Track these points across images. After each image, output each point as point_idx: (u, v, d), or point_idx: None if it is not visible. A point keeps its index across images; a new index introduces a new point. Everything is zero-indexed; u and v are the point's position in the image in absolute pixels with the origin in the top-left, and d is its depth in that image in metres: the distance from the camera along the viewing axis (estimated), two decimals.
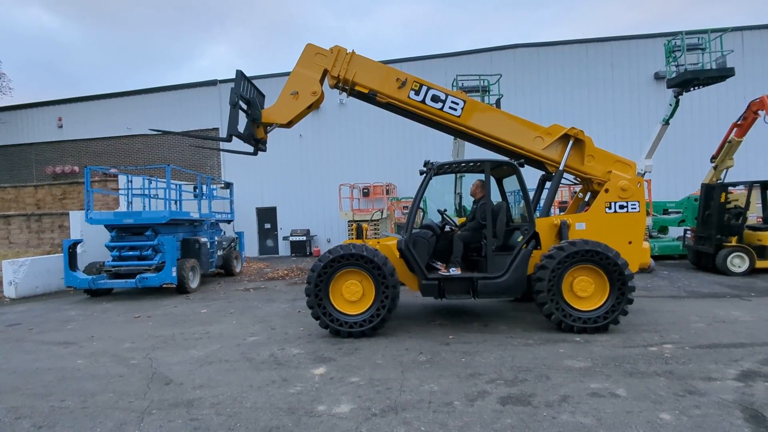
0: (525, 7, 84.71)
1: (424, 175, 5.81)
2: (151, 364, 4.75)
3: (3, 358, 5.20)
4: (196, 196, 11.35)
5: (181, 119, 19.00)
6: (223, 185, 16.41)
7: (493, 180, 6.34)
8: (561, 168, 6.21)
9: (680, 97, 11.40)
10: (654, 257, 11.08)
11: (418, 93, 6.31)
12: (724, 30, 11.46)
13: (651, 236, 12.69)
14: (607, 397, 3.52)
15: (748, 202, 9.94)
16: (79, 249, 9.81)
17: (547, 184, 6.62)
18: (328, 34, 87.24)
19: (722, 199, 9.87)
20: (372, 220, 12.10)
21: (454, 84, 14.13)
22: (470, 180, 6.72)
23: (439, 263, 6.04)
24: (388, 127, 17.25)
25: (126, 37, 74.33)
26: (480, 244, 5.99)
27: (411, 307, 7.22)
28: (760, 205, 10.50)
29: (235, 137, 6.30)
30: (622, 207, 5.94)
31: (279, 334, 5.82)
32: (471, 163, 6.17)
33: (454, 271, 5.73)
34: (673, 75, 11.46)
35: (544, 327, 5.65)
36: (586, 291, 5.37)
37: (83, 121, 20.03)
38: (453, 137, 10.18)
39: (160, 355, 5.10)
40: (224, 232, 13.34)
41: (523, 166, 5.81)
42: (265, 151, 6.94)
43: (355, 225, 6.76)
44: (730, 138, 10.90)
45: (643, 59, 16.68)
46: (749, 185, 10.10)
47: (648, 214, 11.56)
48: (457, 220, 7.65)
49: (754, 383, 3.72)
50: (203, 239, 10.78)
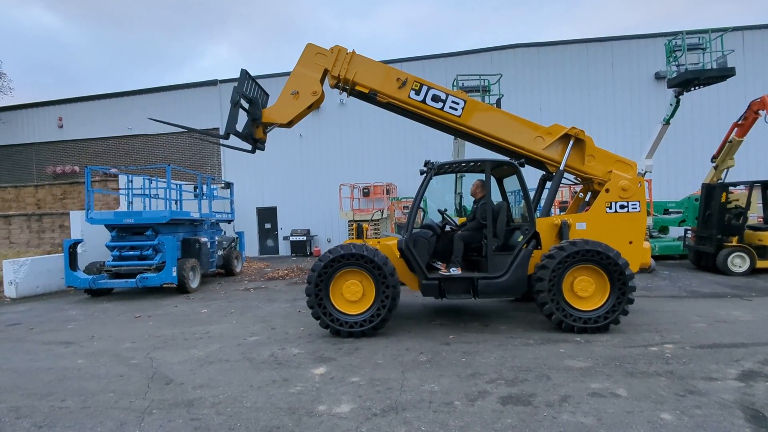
0: (526, 7, 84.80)
1: (425, 175, 5.81)
2: (151, 364, 4.75)
3: (3, 358, 5.20)
4: (196, 196, 11.36)
5: (181, 119, 18.78)
6: (223, 185, 16.42)
7: (493, 180, 6.34)
8: (561, 168, 6.21)
9: (681, 97, 11.39)
10: (654, 257, 11.08)
11: (418, 93, 6.31)
12: (725, 30, 11.44)
13: (652, 236, 12.68)
14: (608, 397, 3.52)
15: (748, 202, 9.94)
16: (79, 249, 9.81)
17: (548, 184, 6.62)
18: (329, 34, 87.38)
19: (723, 199, 9.86)
20: (372, 220, 12.09)
21: (455, 84, 14.12)
22: (470, 180, 6.72)
23: (440, 263, 6.04)
24: (388, 127, 17.25)
25: (127, 37, 74.49)
26: (480, 243, 5.99)
27: (411, 307, 7.22)
28: (761, 205, 10.50)
29: (233, 135, 6.31)
30: (622, 207, 5.94)
31: (279, 334, 5.82)
32: (471, 163, 6.17)
33: (455, 271, 5.73)
34: (674, 75, 11.45)
35: (545, 327, 5.65)
36: (586, 291, 5.37)
37: (83, 121, 20.04)
38: (453, 137, 10.17)
39: (161, 354, 5.10)
40: (224, 232, 13.34)
41: (523, 166, 5.80)
42: (263, 150, 6.93)
43: (355, 225, 6.76)
44: (730, 138, 10.90)
45: (643, 59, 16.68)
46: (750, 185, 10.10)
47: (648, 214, 11.55)
48: (458, 220, 7.64)
49: (755, 383, 3.72)
50: (203, 239, 10.78)
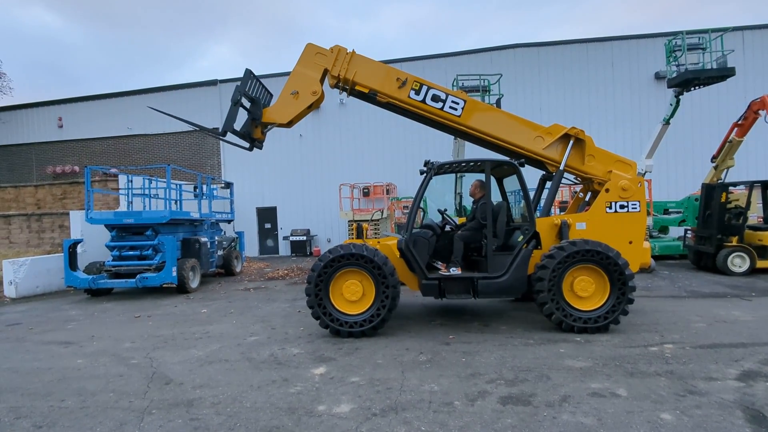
0: (527, 7, 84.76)
1: (425, 174, 5.81)
2: (151, 364, 4.74)
3: (3, 358, 5.20)
4: (196, 196, 11.36)
5: None
6: (223, 185, 16.42)
7: (493, 180, 6.33)
8: (561, 168, 6.20)
9: (681, 97, 11.39)
10: (654, 257, 11.08)
11: (418, 93, 6.30)
12: (725, 30, 11.44)
13: (651, 236, 12.68)
14: (608, 397, 3.52)
15: (748, 202, 9.94)
16: (79, 249, 9.81)
17: (548, 184, 6.61)
18: (329, 34, 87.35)
19: (723, 199, 9.86)
20: (372, 220, 12.09)
21: (455, 84, 14.11)
22: (470, 180, 6.71)
23: (440, 263, 6.04)
24: (388, 126, 17.24)
25: (128, 37, 74.50)
26: (480, 243, 5.99)
27: (411, 307, 7.21)
28: (761, 205, 10.50)
29: (230, 133, 6.31)
30: (622, 207, 5.93)
31: (279, 334, 5.82)
32: (471, 163, 6.17)
33: (455, 271, 5.72)
34: (674, 75, 11.45)
35: (545, 327, 5.65)
36: (586, 291, 5.36)
37: (83, 121, 20.04)
38: (453, 137, 10.17)
39: (160, 354, 5.09)
40: (224, 232, 13.34)
41: (523, 166, 5.80)
42: (260, 149, 6.93)
43: (355, 225, 6.75)
44: (730, 138, 10.89)
45: (643, 59, 16.67)
46: (750, 185, 10.10)
47: (648, 213, 11.55)
48: (458, 220, 7.64)
49: (755, 383, 3.72)
50: (203, 239, 10.78)
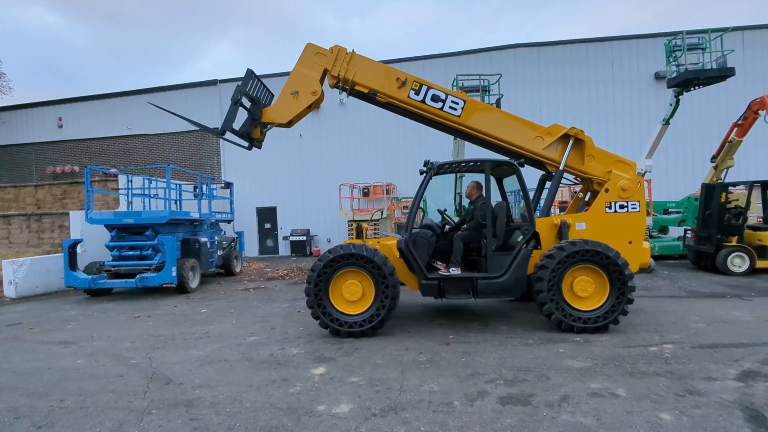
0: (528, 6, 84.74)
1: (424, 175, 5.81)
2: (150, 364, 4.75)
3: (3, 358, 5.20)
4: (196, 196, 11.36)
5: (181, 119, 19.00)
6: (223, 185, 16.41)
7: (493, 180, 6.33)
8: (561, 168, 6.20)
9: (680, 97, 11.39)
10: (654, 257, 11.08)
11: (418, 93, 6.30)
12: (725, 30, 11.44)
13: (651, 236, 12.68)
14: (607, 397, 3.52)
15: (748, 202, 9.94)
16: (79, 249, 9.80)
17: (547, 184, 6.62)
18: (330, 34, 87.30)
19: (722, 199, 9.86)
20: (372, 220, 12.09)
21: (454, 84, 14.11)
22: (470, 180, 6.71)
23: (439, 263, 6.04)
24: (388, 126, 17.25)
25: (129, 37, 74.51)
26: (480, 243, 5.99)
27: (411, 307, 7.21)
28: (761, 205, 10.50)
29: (229, 132, 6.31)
30: (622, 207, 5.93)
31: (279, 334, 5.82)
32: (471, 163, 6.17)
33: (454, 271, 5.72)
34: (674, 75, 11.45)
35: (544, 327, 5.65)
36: (586, 291, 5.36)
37: (83, 121, 20.03)
38: (453, 137, 10.17)
39: (160, 354, 5.09)
40: (224, 232, 13.34)
41: (523, 166, 5.80)
42: (260, 148, 6.93)
43: (355, 225, 6.76)
44: (730, 138, 10.90)
45: (643, 59, 16.68)
46: (749, 185, 10.10)
47: (648, 213, 11.55)
48: (457, 220, 7.63)
49: (755, 383, 3.72)
50: (203, 239, 10.78)
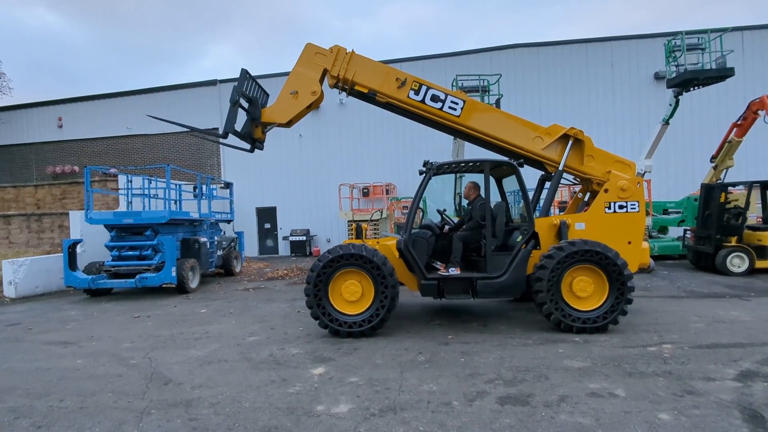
0: (528, 7, 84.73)
1: (424, 175, 5.82)
2: (150, 364, 4.75)
3: (3, 358, 5.20)
4: (195, 196, 11.36)
5: (180, 119, 18.67)
6: (223, 185, 16.42)
7: (492, 180, 6.34)
8: (560, 168, 6.21)
9: (680, 97, 11.39)
10: (654, 257, 11.08)
11: (417, 93, 6.31)
12: (724, 30, 11.45)
13: (651, 236, 12.68)
14: (606, 397, 3.52)
15: (747, 202, 9.94)
16: (78, 249, 9.81)
17: (547, 184, 6.62)
18: (331, 34, 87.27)
19: (722, 199, 9.86)
20: (372, 220, 12.10)
21: (454, 84, 14.12)
22: (469, 180, 6.72)
23: (439, 263, 6.04)
24: (388, 127, 17.25)
25: (129, 37, 74.47)
26: (479, 244, 5.99)
27: (410, 307, 7.22)
28: (760, 205, 10.50)
29: (231, 134, 6.31)
30: (621, 207, 5.94)
31: (278, 334, 5.83)
32: (470, 163, 6.18)
33: (454, 271, 5.73)
34: (673, 75, 11.46)
35: (544, 327, 5.65)
36: (585, 291, 5.37)
37: (83, 121, 20.03)
38: (453, 137, 10.17)
39: (160, 354, 5.10)
40: (224, 232, 13.34)
41: (522, 166, 5.80)
42: (261, 149, 6.93)
43: (354, 225, 6.76)
44: (730, 138, 10.90)
45: (643, 59, 16.68)
46: (749, 185, 10.10)
47: (648, 214, 11.55)
48: (457, 220, 7.64)
49: (753, 383, 3.73)
50: (203, 239, 10.78)
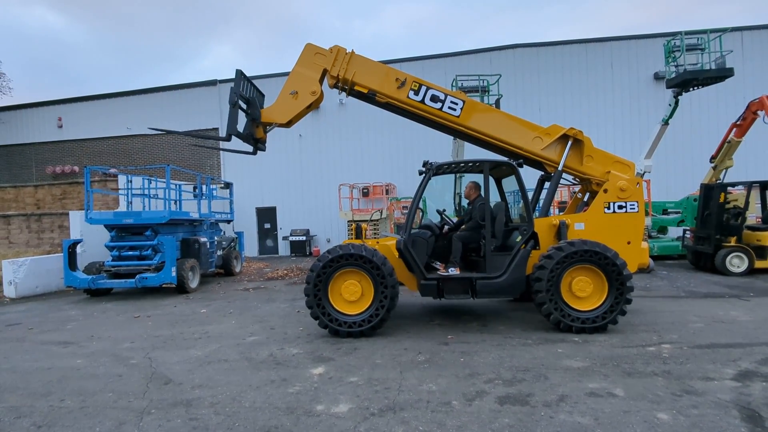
0: (528, 7, 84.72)
1: (423, 175, 5.82)
2: (150, 364, 4.76)
3: (3, 358, 5.21)
4: (195, 196, 11.37)
5: (180, 119, 18.99)
6: (222, 185, 16.43)
7: (492, 180, 6.35)
8: (560, 168, 6.22)
9: (680, 98, 11.42)
10: (653, 257, 11.09)
11: (417, 93, 6.31)
12: (724, 30, 11.46)
13: (650, 236, 12.69)
14: (605, 397, 3.53)
15: (747, 203, 9.95)
16: (78, 249, 9.81)
17: (546, 185, 6.63)
18: (332, 34, 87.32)
19: (721, 200, 9.87)
20: (371, 220, 12.10)
21: (454, 84, 14.13)
22: (469, 180, 6.73)
23: (438, 263, 6.05)
24: (387, 127, 17.26)
25: (130, 37, 74.47)
26: (479, 244, 6.00)
27: (410, 307, 7.23)
28: (759, 206, 10.51)
29: (234, 137, 6.32)
30: (620, 207, 5.95)
31: (278, 334, 5.83)
32: (470, 164, 6.18)
33: (453, 271, 5.74)
34: (673, 75, 11.47)
35: (543, 327, 5.66)
36: (584, 291, 5.37)
37: (83, 121, 20.05)
38: (452, 137, 10.18)
39: (160, 354, 5.11)
40: (224, 232, 13.35)
41: (521, 167, 5.81)
42: (264, 150, 6.95)
43: (354, 225, 6.77)
44: (729, 138, 10.91)
45: (642, 59, 16.69)
46: (748, 185, 10.11)
47: (647, 214, 11.56)
48: (456, 220, 7.65)
49: (752, 383, 3.74)
50: (203, 239, 10.79)
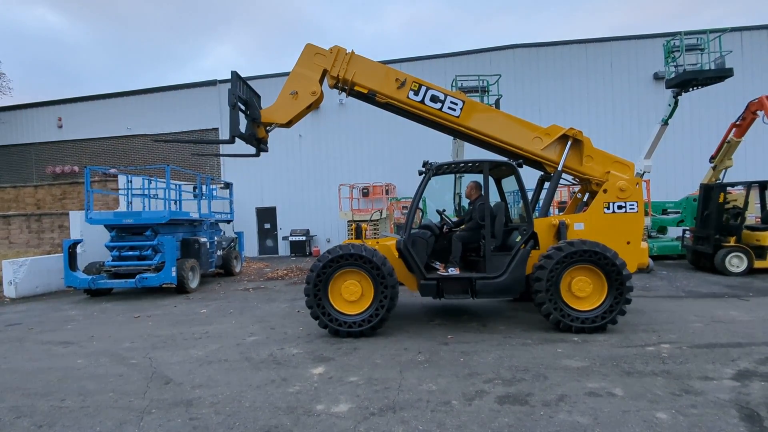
0: (528, 8, 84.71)
1: (423, 175, 5.83)
2: (150, 364, 4.76)
3: (3, 358, 5.22)
4: (195, 196, 11.38)
5: (180, 119, 19.02)
6: (222, 185, 16.44)
7: (492, 180, 6.35)
8: (559, 168, 6.23)
9: (679, 98, 11.42)
10: (653, 257, 11.11)
11: (417, 93, 6.32)
12: (723, 30, 11.47)
13: (650, 236, 12.70)
14: (604, 397, 3.54)
15: (746, 203, 9.96)
16: (79, 249, 9.82)
17: (546, 185, 6.64)
18: (333, 35, 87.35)
19: (721, 200, 9.88)
20: (371, 220, 12.11)
21: (454, 84, 14.14)
22: (469, 180, 6.74)
23: (438, 263, 6.06)
24: (387, 127, 17.25)
25: (130, 37, 74.53)
26: (479, 244, 6.01)
27: (410, 307, 7.23)
28: (759, 206, 10.52)
29: (237, 138, 6.33)
30: (620, 207, 5.96)
31: (278, 334, 5.84)
32: (470, 164, 6.19)
33: (453, 271, 5.75)
34: (672, 75, 11.48)
35: (543, 327, 5.67)
36: (584, 291, 5.38)
37: (83, 121, 20.05)
38: (452, 137, 10.19)
39: (160, 354, 5.11)
40: (224, 232, 13.35)
41: (521, 167, 5.82)
42: (266, 151, 6.95)
43: (354, 225, 6.77)
44: (728, 138, 10.91)
45: (642, 59, 16.70)
46: (748, 185, 10.12)
47: (647, 214, 11.58)
48: (456, 220, 7.66)
49: (751, 383, 3.74)
50: (203, 239, 10.79)
